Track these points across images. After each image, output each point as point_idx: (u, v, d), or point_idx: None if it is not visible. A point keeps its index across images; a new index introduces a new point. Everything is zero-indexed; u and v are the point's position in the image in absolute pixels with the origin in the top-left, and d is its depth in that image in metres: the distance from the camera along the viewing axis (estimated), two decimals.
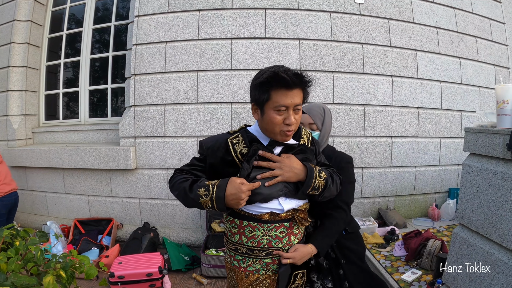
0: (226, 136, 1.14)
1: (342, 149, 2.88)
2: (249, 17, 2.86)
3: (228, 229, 1.19)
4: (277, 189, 1.08)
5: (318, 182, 1.11)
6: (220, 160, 1.11)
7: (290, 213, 1.13)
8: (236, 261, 1.18)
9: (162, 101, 2.92)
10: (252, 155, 1.07)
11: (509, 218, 1.44)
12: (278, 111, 1.03)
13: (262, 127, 1.10)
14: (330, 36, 2.90)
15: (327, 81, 2.89)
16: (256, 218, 1.10)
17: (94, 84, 3.54)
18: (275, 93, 1.02)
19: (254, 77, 1.08)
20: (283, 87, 1.01)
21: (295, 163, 1.10)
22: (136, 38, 2.95)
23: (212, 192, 1.03)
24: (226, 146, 1.11)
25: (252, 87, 1.09)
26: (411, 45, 3.06)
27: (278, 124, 1.04)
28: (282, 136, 1.07)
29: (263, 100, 1.04)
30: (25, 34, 3.49)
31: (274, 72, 1.01)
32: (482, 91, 3.33)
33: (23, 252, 1.23)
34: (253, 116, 1.12)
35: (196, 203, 1.05)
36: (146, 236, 2.78)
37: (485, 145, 1.61)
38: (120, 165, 2.95)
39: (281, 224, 1.12)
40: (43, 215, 3.41)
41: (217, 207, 1.03)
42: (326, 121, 1.44)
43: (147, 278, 2.19)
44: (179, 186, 1.09)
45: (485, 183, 1.60)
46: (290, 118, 1.04)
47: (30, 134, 3.60)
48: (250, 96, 1.12)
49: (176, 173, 1.16)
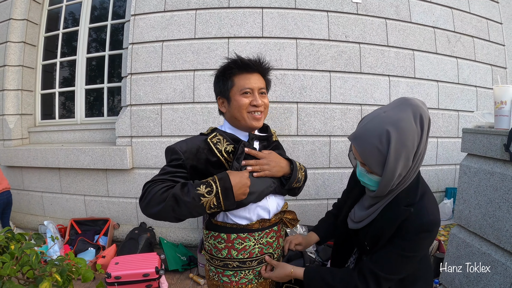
0: (202, 137, 1.09)
1: (339, 149, 2.88)
2: (246, 16, 2.84)
3: (212, 245, 1.10)
4: (267, 185, 1.07)
5: (300, 174, 1.15)
6: (204, 161, 1.04)
7: (278, 217, 1.13)
8: (226, 277, 1.10)
9: (159, 100, 2.91)
10: (241, 153, 1.06)
11: (506, 219, 1.44)
12: (244, 94, 1.06)
13: (232, 118, 1.10)
14: (327, 35, 2.89)
15: (324, 80, 2.88)
16: (245, 228, 1.06)
17: (90, 83, 3.52)
18: (238, 78, 1.06)
19: (215, 74, 1.13)
20: (244, 71, 1.07)
21: (278, 158, 1.11)
22: (132, 37, 2.94)
23: (216, 187, 0.92)
24: (208, 146, 1.05)
25: (215, 82, 1.13)
26: (408, 45, 3.05)
27: (245, 106, 1.06)
28: (251, 120, 1.08)
29: (228, 88, 1.07)
30: (21, 33, 3.47)
31: (233, 59, 1.07)
32: (479, 91, 3.33)
33: (19, 255, 1.21)
34: (221, 110, 1.14)
35: (194, 206, 0.90)
36: (142, 236, 2.77)
37: (482, 146, 1.61)
38: (116, 165, 2.94)
39: (271, 229, 1.11)
40: (40, 215, 3.39)
41: (225, 203, 0.93)
42: (393, 158, 0.84)
43: (144, 278, 2.18)
44: (163, 196, 0.90)
45: (483, 184, 1.60)
46: (257, 99, 1.06)
47: (26, 133, 3.58)
48: (215, 93, 1.15)
49: (150, 186, 0.94)
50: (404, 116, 0.84)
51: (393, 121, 0.84)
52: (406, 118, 0.83)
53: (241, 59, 1.06)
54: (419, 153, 0.87)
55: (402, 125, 0.83)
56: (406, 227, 0.90)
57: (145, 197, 0.93)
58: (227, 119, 1.13)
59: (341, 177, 2.94)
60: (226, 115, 1.13)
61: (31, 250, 1.24)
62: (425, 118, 0.85)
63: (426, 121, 0.86)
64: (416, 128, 0.84)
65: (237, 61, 1.06)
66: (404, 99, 0.88)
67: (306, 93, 2.87)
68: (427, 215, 0.89)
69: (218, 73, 1.11)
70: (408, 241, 0.90)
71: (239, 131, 1.12)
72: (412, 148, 0.84)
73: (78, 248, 2.77)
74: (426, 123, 0.85)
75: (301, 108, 2.87)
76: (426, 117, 0.85)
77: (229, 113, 1.09)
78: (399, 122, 0.83)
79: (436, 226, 0.90)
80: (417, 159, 0.88)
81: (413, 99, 0.87)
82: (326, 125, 2.89)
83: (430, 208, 0.91)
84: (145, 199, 0.93)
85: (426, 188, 0.96)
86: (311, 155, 2.89)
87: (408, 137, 0.83)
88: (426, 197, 0.93)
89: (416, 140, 0.84)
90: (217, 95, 1.13)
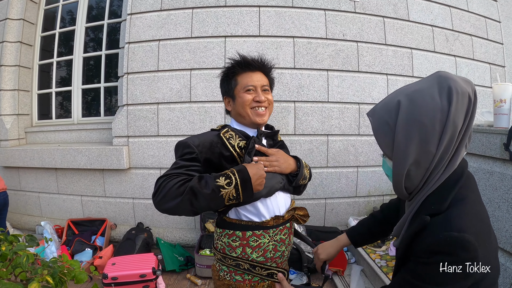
0: (215, 132, 1.11)
1: (337, 148, 2.87)
2: (242, 14, 2.83)
3: (226, 243, 1.09)
4: (277, 181, 1.09)
5: (305, 171, 1.19)
6: (218, 155, 1.06)
7: (290, 213, 1.15)
8: (239, 276, 1.09)
9: (155, 100, 2.89)
10: (252, 148, 1.09)
11: (506, 219, 1.43)
12: (247, 91, 1.09)
13: (237, 115, 1.13)
14: (324, 34, 2.87)
15: (322, 79, 2.87)
16: (261, 225, 1.07)
17: (88, 83, 3.51)
18: (241, 76, 1.11)
19: (221, 75, 1.18)
20: (246, 70, 1.11)
21: (286, 156, 1.15)
22: (129, 36, 2.92)
23: (235, 178, 0.93)
24: (221, 141, 1.08)
25: (220, 82, 1.18)
26: (406, 43, 3.04)
27: (249, 102, 1.09)
28: (254, 116, 1.10)
29: (232, 87, 1.11)
30: (18, 33, 3.46)
31: (236, 60, 1.11)
32: (477, 89, 3.31)
33: (10, 257, 1.20)
34: (227, 109, 1.17)
35: (213, 199, 0.91)
36: (139, 237, 2.75)
37: (482, 144, 1.59)
38: (113, 165, 2.92)
39: (284, 226, 1.13)
40: (37, 215, 3.37)
41: (243, 194, 0.94)
42: (402, 136, 0.68)
43: (141, 279, 2.17)
44: (179, 190, 0.90)
45: (482, 183, 1.58)
46: (259, 95, 1.09)
47: (23, 134, 3.56)
48: (221, 93, 1.19)
49: (164, 180, 0.94)
50: (424, 86, 0.68)
51: (409, 91, 0.69)
52: (426, 89, 0.67)
53: (244, 58, 1.11)
54: (447, 138, 0.65)
55: (417, 95, 0.67)
56: (418, 243, 0.68)
57: (159, 192, 0.93)
58: (233, 117, 1.17)
59: (338, 176, 2.93)
60: (232, 113, 1.17)
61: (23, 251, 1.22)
62: (456, 92, 0.64)
63: (460, 96, 0.64)
64: (439, 102, 0.65)
65: (239, 60, 1.11)
66: (437, 72, 0.71)
67: (304, 92, 2.86)
68: (448, 229, 0.63)
69: (222, 74, 1.16)
70: (417, 264, 0.67)
71: (247, 128, 1.15)
72: (431, 127, 0.65)
73: (75, 248, 2.76)
74: (457, 98, 0.64)
75: (299, 107, 2.86)
76: (459, 92, 0.64)
77: (234, 110, 1.13)
78: (415, 93, 0.67)
79: (462, 249, 0.61)
80: (444, 146, 0.66)
81: (447, 72, 0.69)
82: (324, 124, 2.88)
83: (459, 222, 0.64)
84: (159, 194, 0.92)
85: (467, 194, 0.69)
86: (308, 154, 2.87)
87: (423, 111, 0.65)
88: (462, 206, 0.67)
89: (438, 117, 0.64)
90: (223, 95, 1.18)
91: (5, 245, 1.28)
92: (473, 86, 0.68)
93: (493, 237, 0.74)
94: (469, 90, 0.66)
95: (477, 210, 0.69)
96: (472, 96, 0.67)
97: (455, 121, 0.65)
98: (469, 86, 0.67)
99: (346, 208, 2.98)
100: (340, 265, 2.40)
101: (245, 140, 1.10)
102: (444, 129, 0.65)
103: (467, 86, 0.67)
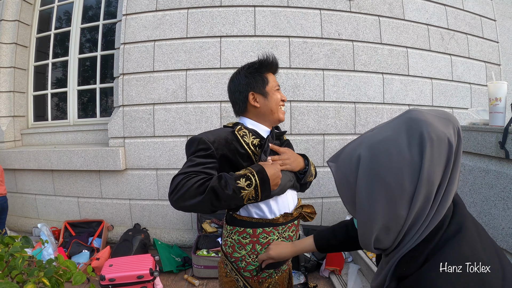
0: (229, 129, 1.13)
1: (333, 147, 2.87)
2: (238, 14, 2.83)
3: (236, 240, 1.11)
4: (288, 179, 1.12)
5: (312, 168, 1.23)
6: (234, 152, 1.06)
7: (298, 210, 1.17)
8: (247, 272, 1.12)
9: (151, 100, 2.88)
10: (268, 147, 1.11)
11: (502, 217, 1.43)
12: (277, 90, 1.17)
13: (267, 111, 1.15)
14: (320, 33, 2.88)
15: (318, 78, 2.87)
16: (271, 223, 1.10)
17: (83, 84, 3.50)
18: (269, 76, 1.16)
19: (242, 72, 1.16)
20: (271, 71, 1.18)
21: (296, 154, 1.19)
22: (124, 37, 2.92)
23: (255, 180, 0.96)
24: (236, 138, 1.09)
25: (245, 78, 1.14)
26: (402, 42, 3.04)
27: (279, 100, 1.17)
28: (280, 113, 1.18)
29: (264, 84, 1.14)
30: (13, 34, 3.44)
31: (265, 59, 1.15)
32: (473, 88, 3.33)
33: (6, 259, 1.20)
34: (252, 105, 1.14)
35: (234, 199, 0.93)
36: (136, 238, 2.75)
37: (477, 143, 1.60)
38: (109, 166, 2.92)
39: (292, 223, 1.15)
40: (33, 217, 3.36)
41: (262, 194, 0.97)
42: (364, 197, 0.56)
43: (138, 280, 2.17)
44: (199, 190, 0.91)
45: (478, 181, 1.59)
46: (283, 95, 1.20)
47: (18, 135, 3.55)
48: (241, 88, 1.14)
49: (183, 179, 0.93)
50: (391, 134, 0.54)
51: (374, 141, 0.56)
52: (392, 139, 0.54)
53: (273, 60, 1.17)
54: (421, 199, 0.52)
55: (380, 148, 0.54)
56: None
57: (177, 190, 0.92)
58: (255, 114, 1.16)
59: None
60: (257, 110, 1.15)
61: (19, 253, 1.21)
62: (430, 140, 0.51)
63: (435, 144, 0.51)
64: (407, 155, 0.52)
65: (271, 62, 1.16)
66: (408, 112, 0.57)
67: (299, 91, 2.86)
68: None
69: (251, 70, 1.15)
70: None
71: (261, 127, 1.17)
72: (398, 187, 0.52)
73: (72, 250, 2.75)
74: (432, 148, 0.51)
75: (294, 106, 2.86)
76: (433, 139, 0.51)
77: (265, 106, 1.15)
78: (379, 144, 0.54)
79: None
80: (418, 208, 0.53)
81: (419, 112, 0.55)
82: (320, 123, 2.88)
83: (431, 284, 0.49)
84: (177, 192, 0.92)
85: (449, 252, 0.53)
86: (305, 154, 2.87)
87: (387, 168, 0.52)
88: (434, 266, 0.51)
89: (406, 175, 0.52)
90: (249, 90, 1.14)
91: (1, 247, 1.27)
92: (455, 124, 0.55)
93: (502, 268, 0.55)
94: (449, 132, 0.53)
95: (464, 255, 0.52)
96: (454, 139, 0.53)
97: (430, 177, 0.51)
98: (450, 126, 0.54)
99: (343, 207, 2.98)
100: (337, 264, 2.41)
101: (258, 139, 1.13)
102: (417, 188, 0.52)
103: (445, 127, 0.53)
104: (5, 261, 1.20)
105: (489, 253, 0.55)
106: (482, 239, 0.57)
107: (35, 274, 1.18)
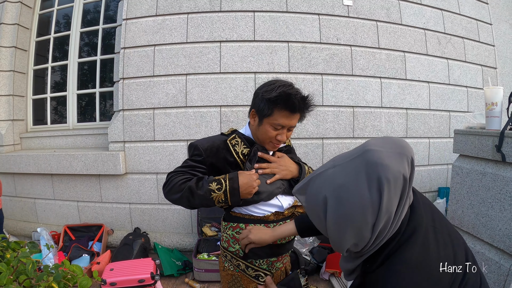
0: (223, 138, 1.19)
1: (332, 152, 2.90)
2: (237, 20, 2.85)
3: (231, 235, 1.18)
4: (277, 186, 1.15)
5: None
6: (222, 160, 1.15)
7: (291, 210, 1.21)
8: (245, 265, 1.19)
9: (151, 105, 2.90)
10: (254, 155, 1.15)
11: (499, 218, 1.46)
12: (275, 127, 1.10)
13: (255, 134, 1.18)
14: (319, 38, 2.90)
15: (316, 83, 2.90)
16: (262, 219, 1.15)
17: (83, 88, 3.50)
18: (279, 112, 1.07)
19: (263, 88, 1.10)
20: (287, 110, 1.06)
21: (289, 162, 1.21)
22: (124, 42, 2.93)
23: (225, 185, 1.05)
24: (227, 147, 1.16)
25: (258, 96, 1.11)
26: (399, 47, 3.08)
27: (271, 137, 1.12)
28: (269, 146, 1.17)
29: (265, 114, 1.09)
30: (12, 38, 3.44)
31: (287, 94, 1.04)
32: (469, 91, 3.37)
33: (15, 265, 1.21)
34: (250, 119, 1.17)
35: (205, 199, 1.05)
36: (137, 242, 2.76)
37: (474, 146, 1.63)
38: (109, 170, 2.92)
39: (284, 222, 1.19)
40: (33, 222, 3.36)
41: (231, 199, 1.05)
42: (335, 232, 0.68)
43: (139, 284, 2.17)
44: (181, 187, 1.06)
45: (475, 184, 1.62)
46: (283, 136, 1.13)
47: (18, 139, 3.55)
48: (252, 101, 1.15)
49: (172, 176, 1.11)
50: (351, 182, 0.62)
51: (335, 186, 0.64)
52: (353, 185, 0.62)
53: (294, 97, 1.04)
54: (382, 224, 0.63)
55: (344, 194, 0.62)
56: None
57: (167, 184, 1.10)
58: (251, 128, 1.19)
59: None
60: (252, 127, 1.19)
61: (27, 259, 1.23)
62: (387, 182, 0.60)
63: (392, 184, 0.60)
64: (368, 198, 0.60)
65: (287, 98, 1.04)
66: (364, 151, 0.64)
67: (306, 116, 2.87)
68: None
69: (264, 95, 1.07)
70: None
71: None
72: (362, 221, 0.62)
73: (72, 254, 2.75)
74: (389, 188, 0.60)
75: None
76: (390, 181, 0.60)
77: (255, 130, 1.16)
78: (341, 190, 0.63)
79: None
80: (380, 229, 0.64)
81: (375, 152, 0.62)
82: (319, 127, 2.90)
83: (392, 281, 0.64)
84: (167, 186, 1.10)
85: (406, 248, 0.67)
86: (304, 158, 2.89)
87: (353, 209, 0.62)
88: (396, 262, 0.66)
89: (369, 212, 0.61)
90: (253, 107, 1.14)
91: (10, 252, 1.28)
92: (409, 155, 0.63)
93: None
94: (403, 168, 0.61)
95: (414, 255, 0.66)
96: (408, 170, 0.62)
97: (388, 209, 0.62)
98: (404, 161, 0.62)
99: None
100: (337, 267, 2.43)
101: (249, 148, 1.17)
102: (377, 219, 0.62)
103: (400, 164, 0.61)
104: (12, 265, 1.21)
105: (442, 244, 0.69)
106: (437, 233, 0.70)
107: (44, 279, 1.19)
